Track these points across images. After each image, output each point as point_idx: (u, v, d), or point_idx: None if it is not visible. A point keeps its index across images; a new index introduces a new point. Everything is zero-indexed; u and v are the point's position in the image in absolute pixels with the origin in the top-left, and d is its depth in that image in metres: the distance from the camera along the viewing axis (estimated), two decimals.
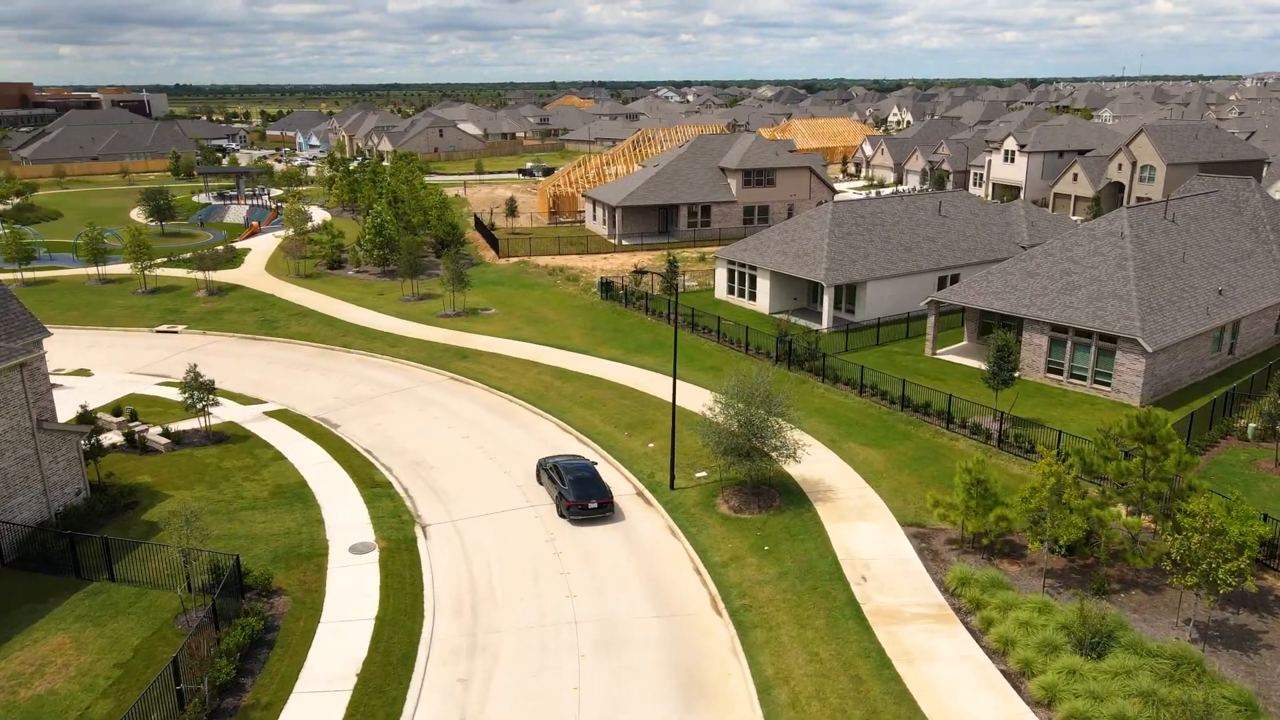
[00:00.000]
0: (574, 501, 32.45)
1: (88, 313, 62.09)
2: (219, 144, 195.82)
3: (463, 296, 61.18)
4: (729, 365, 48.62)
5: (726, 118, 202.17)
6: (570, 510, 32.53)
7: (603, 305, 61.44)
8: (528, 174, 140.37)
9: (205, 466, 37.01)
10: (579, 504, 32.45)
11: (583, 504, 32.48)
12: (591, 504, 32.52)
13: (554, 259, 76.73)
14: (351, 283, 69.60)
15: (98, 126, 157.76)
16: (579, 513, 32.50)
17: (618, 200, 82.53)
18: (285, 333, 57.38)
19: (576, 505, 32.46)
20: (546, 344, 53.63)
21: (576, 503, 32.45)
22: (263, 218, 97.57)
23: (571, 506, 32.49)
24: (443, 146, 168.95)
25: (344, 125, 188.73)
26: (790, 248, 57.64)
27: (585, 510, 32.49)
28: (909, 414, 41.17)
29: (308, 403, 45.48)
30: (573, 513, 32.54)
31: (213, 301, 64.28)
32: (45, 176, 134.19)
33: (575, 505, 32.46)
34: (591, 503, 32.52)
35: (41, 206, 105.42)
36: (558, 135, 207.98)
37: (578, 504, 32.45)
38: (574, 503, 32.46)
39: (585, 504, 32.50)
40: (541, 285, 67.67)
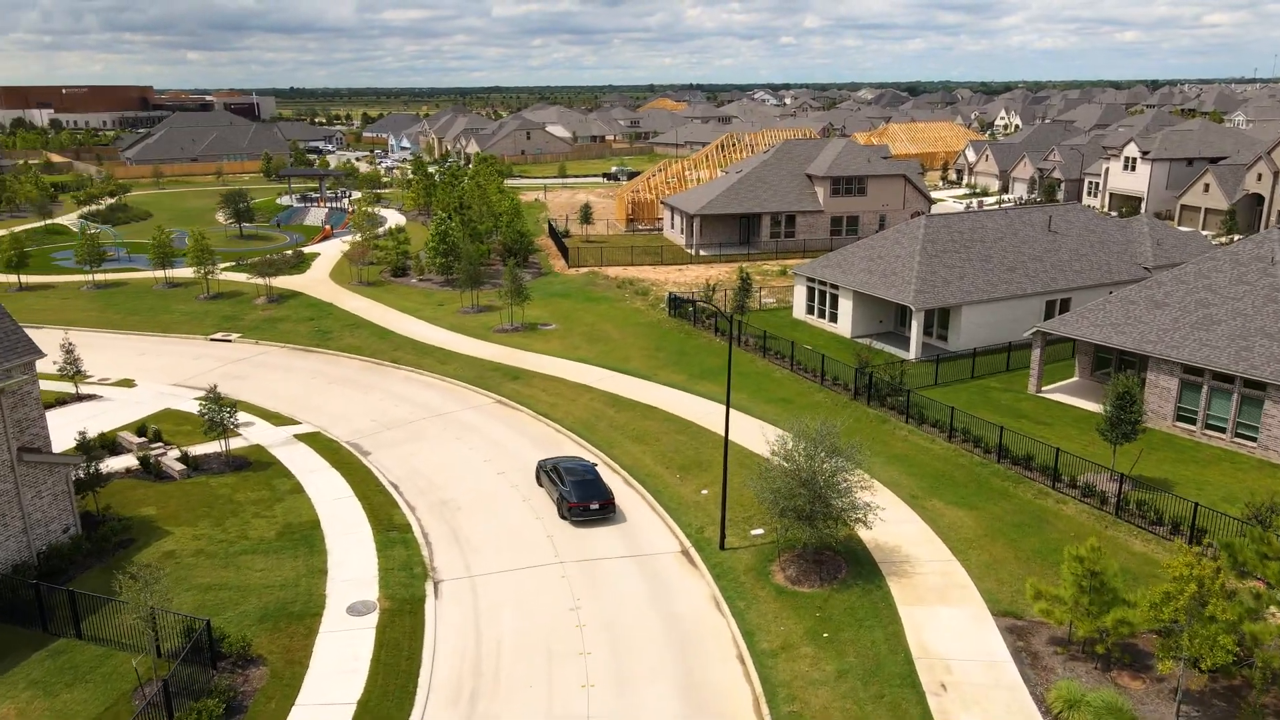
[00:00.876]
0: (576, 503, 32.22)
1: (148, 318, 61.06)
2: (316, 146, 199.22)
3: (522, 310, 57.67)
4: (801, 398, 43.67)
5: (822, 121, 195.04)
6: (572, 512, 32.30)
7: (670, 323, 57.00)
8: (612, 178, 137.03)
9: (217, 498, 34.15)
10: (581, 505, 32.22)
11: (584, 505, 32.24)
12: (593, 505, 32.27)
13: (625, 270, 72.70)
14: (413, 292, 67.01)
15: (198, 128, 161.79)
16: (580, 514, 32.30)
17: (696, 208, 77.99)
18: (337, 344, 54.89)
19: (578, 507, 32.23)
20: (604, 366, 49.53)
21: (578, 504, 32.21)
22: (339, 221, 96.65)
23: (573, 508, 32.25)
24: (530, 149, 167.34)
25: (434, 128, 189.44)
26: (877, 265, 52.07)
27: (587, 512, 32.28)
28: (1007, 467, 35.40)
29: (343, 425, 42.52)
30: (574, 514, 32.33)
31: (271, 309, 62.49)
32: (144, 177, 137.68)
33: (577, 507, 32.23)
34: (593, 504, 32.27)
35: (134, 207, 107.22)
36: (647, 138, 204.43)
37: (579, 505, 32.22)
38: (575, 504, 32.22)
39: (587, 505, 32.25)
40: (608, 299, 63.66)
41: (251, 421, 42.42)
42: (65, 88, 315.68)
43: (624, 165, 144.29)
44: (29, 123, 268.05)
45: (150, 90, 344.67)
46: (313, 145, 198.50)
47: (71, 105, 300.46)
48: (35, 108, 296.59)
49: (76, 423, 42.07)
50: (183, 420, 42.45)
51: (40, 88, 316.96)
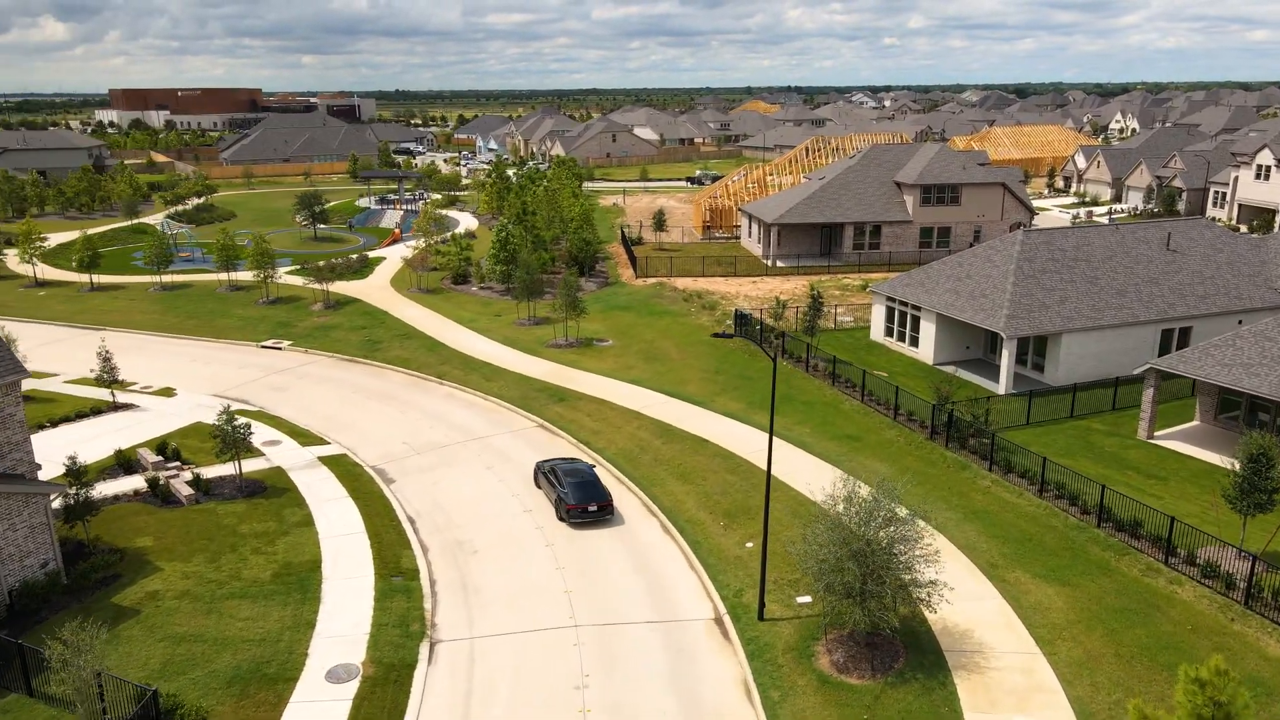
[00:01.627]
0: (574, 505, 32.14)
1: (205, 322, 60.16)
2: (406, 147, 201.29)
3: (577, 324, 54.33)
4: (871, 434, 38.98)
5: (920, 124, 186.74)
6: (570, 514, 32.22)
7: (734, 342, 52.79)
8: (696, 182, 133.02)
9: (220, 529, 31.73)
10: (579, 507, 32.12)
11: (583, 507, 32.14)
12: (591, 507, 32.22)
13: (695, 281, 68.70)
14: (471, 301, 64.52)
15: (292, 130, 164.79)
16: (579, 516, 32.20)
17: (774, 216, 73.42)
18: (384, 356, 52.62)
19: (577, 509, 32.13)
20: (658, 389, 45.72)
21: (576, 506, 32.13)
22: (410, 225, 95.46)
23: (571, 510, 32.15)
24: (615, 152, 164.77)
25: (520, 130, 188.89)
26: (964, 285, 46.78)
27: (585, 514, 32.19)
28: (1109, 533, 30.12)
29: (372, 446, 39.90)
30: (572, 516, 32.22)
31: (326, 316, 60.86)
32: (236, 177, 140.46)
33: (575, 509, 32.13)
34: (591, 505, 32.22)
35: (219, 207, 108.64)
36: (736, 142, 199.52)
37: (578, 507, 32.12)
38: (574, 506, 32.13)
39: (585, 507, 32.15)
40: (672, 313, 59.80)
41: (279, 440, 40.24)
42: (181, 90, 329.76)
43: (708, 169, 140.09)
44: (145, 124, 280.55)
45: (259, 93, 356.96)
46: (404, 147, 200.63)
47: (186, 107, 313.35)
48: (153, 109, 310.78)
49: (108, 434, 40.69)
50: (209, 437, 40.47)
51: (159, 90, 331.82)
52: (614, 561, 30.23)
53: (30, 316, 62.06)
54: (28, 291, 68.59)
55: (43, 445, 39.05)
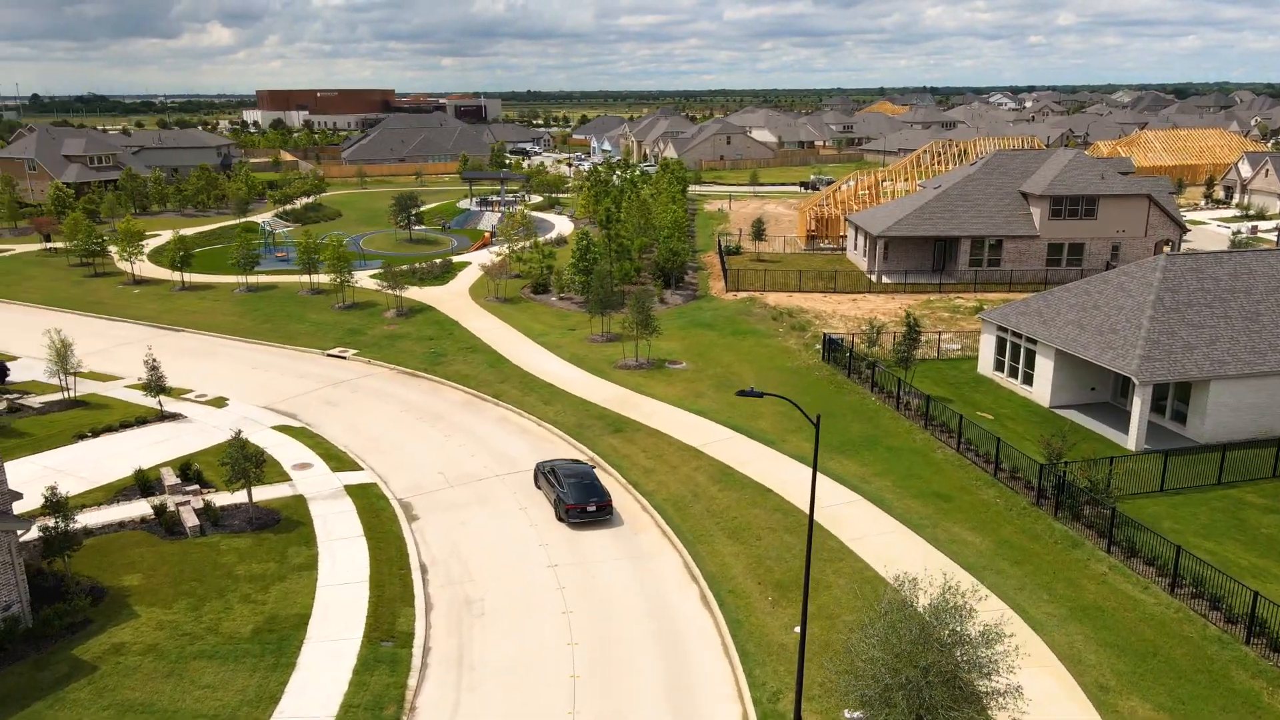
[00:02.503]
0: (573, 505, 32.02)
1: (278, 326, 59.04)
2: (523, 147, 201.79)
3: (648, 344, 50.08)
4: (964, 493, 33.22)
5: (1060, 127, 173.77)
6: (569, 514, 32.11)
7: (820, 371, 47.41)
8: (810, 187, 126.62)
9: (215, 568, 29.08)
10: (578, 507, 32.02)
11: (581, 507, 32.03)
12: (590, 507, 32.12)
13: (790, 297, 63.33)
14: (547, 313, 61.21)
15: (409, 130, 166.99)
16: (578, 516, 32.10)
17: (881, 228, 67.21)
18: (445, 371, 49.81)
19: (576, 509, 32.02)
20: (726, 422, 41.00)
21: (575, 506, 32.01)
22: None
23: (571, 510, 32.04)
24: (729, 155, 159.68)
25: (634, 131, 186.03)
26: (1091, 317, 40.05)
27: (584, 514, 32.10)
28: (1261, 653, 23.68)
29: (406, 475, 36.87)
30: (571, 516, 32.12)
31: (396, 324, 58.75)
32: (350, 177, 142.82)
33: (575, 509, 32.02)
34: (590, 505, 32.13)
35: (327, 206, 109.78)
36: (858, 145, 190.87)
37: (577, 507, 32.01)
38: (573, 506, 32.02)
39: (584, 507, 32.04)
40: (757, 333, 54.75)
41: (310, 464, 37.68)
42: (320, 91, 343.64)
43: (821, 174, 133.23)
44: (285, 124, 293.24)
45: (392, 94, 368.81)
46: (520, 147, 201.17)
47: (324, 107, 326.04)
48: (294, 109, 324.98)
49: (146, 447, 39.12)
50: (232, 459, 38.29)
51: (300, 91, 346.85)
52: (639, 640, 25.88)
53: (118, 315, 62.54)
54: (124, 289, 69.57)
55: (78, 456, 37.83)
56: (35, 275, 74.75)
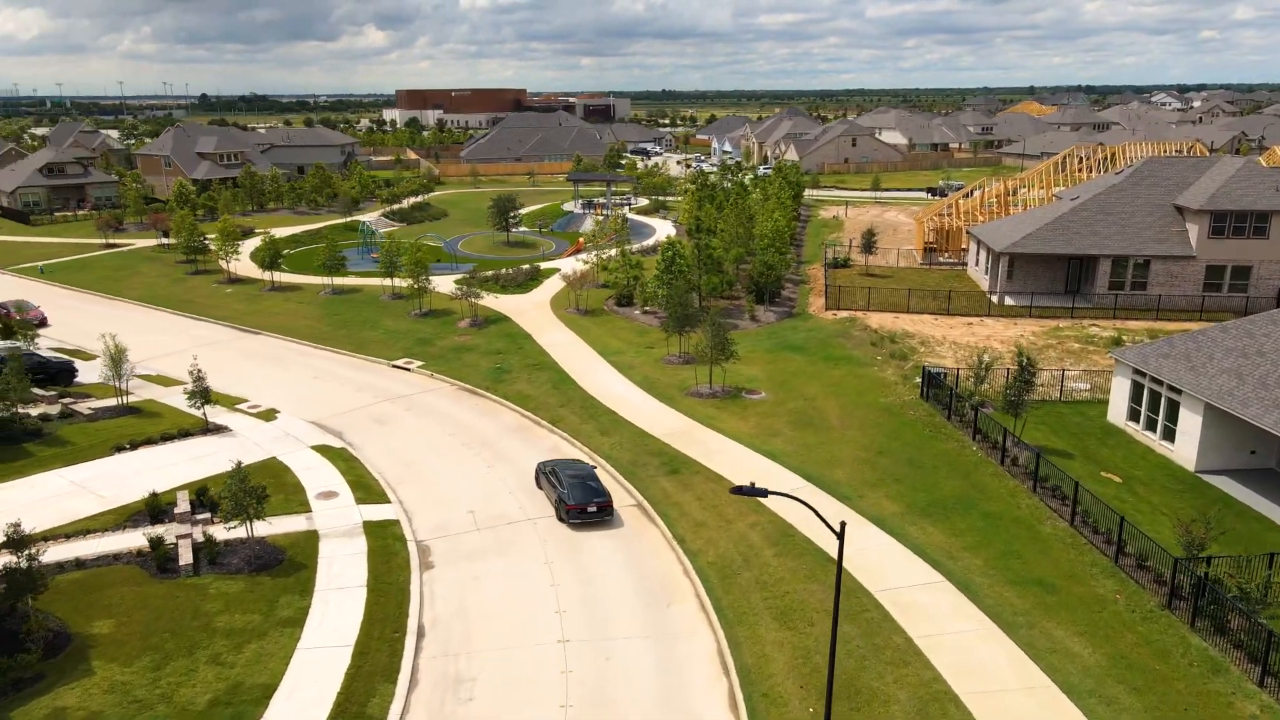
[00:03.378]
0: (574, 505, 31.75)
1: (351, 333, 57.34)
2: (644, 148, 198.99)
3: (723, 371, 45.30)
4: (1075, 583, 27.26)
5: (1232, 129, 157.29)
6: (570, 514, 31.86)
7: (916, 410, 41.51)
8: (938, 193, 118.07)
9: (195, 617, 26.37)
10: (578, 507, 31.74)
11: (582, 508, 31.76)
12: (591, 508, 31.84)
13: (895, 319, 57.12)
14: (627, 328, 57.18)
15: (527, 129, 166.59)
16: (578, 516, 31.84)
17: (1006, 243, 59.99)
18: (506, 390, 46.53)
19: (576, 509, 31.75)
20: (797, 469, 35.90)
21: (576, 506, 31.74)
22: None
23: (571, 511, 31.78)
24: (854, 157, 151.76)
25: (755, 131, 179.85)
26: (1254, 366, 32.82)
27: (585, 514, 31.83)
28: None
29: (434, 512, 33.61)
30: (572, 516, 31.87)
31: (468, 335, 56.02)
32: (464, 175, 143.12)
33: (575, 509, 31.75)
34: (591, 506, 31.84)
35: (434, 206, 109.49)
36: (996, 148, 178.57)
37: (577, 508, 31.74)
38: (574, 506, 31.75)
39: (585, 508, 31.77)
40: (851, 361, 49.06)
41: (336, 493, 34.93)
42: (454, 91, 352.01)
43: (950, 179, 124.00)
44: (420, 122, 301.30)
45: (523, 93, 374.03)
46: (641, 147, 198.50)
47: (457, 106, 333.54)
48: (430, 109, 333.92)
49: (180, 463, 37.37)
50: (274, 476, 35.96)
51: (436, 90, 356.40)
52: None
53: (205, 314, 62.45)
54: (218, 288, 69.89)
55: (108, 471, 36.31)
56: (144, 271, 76.37)
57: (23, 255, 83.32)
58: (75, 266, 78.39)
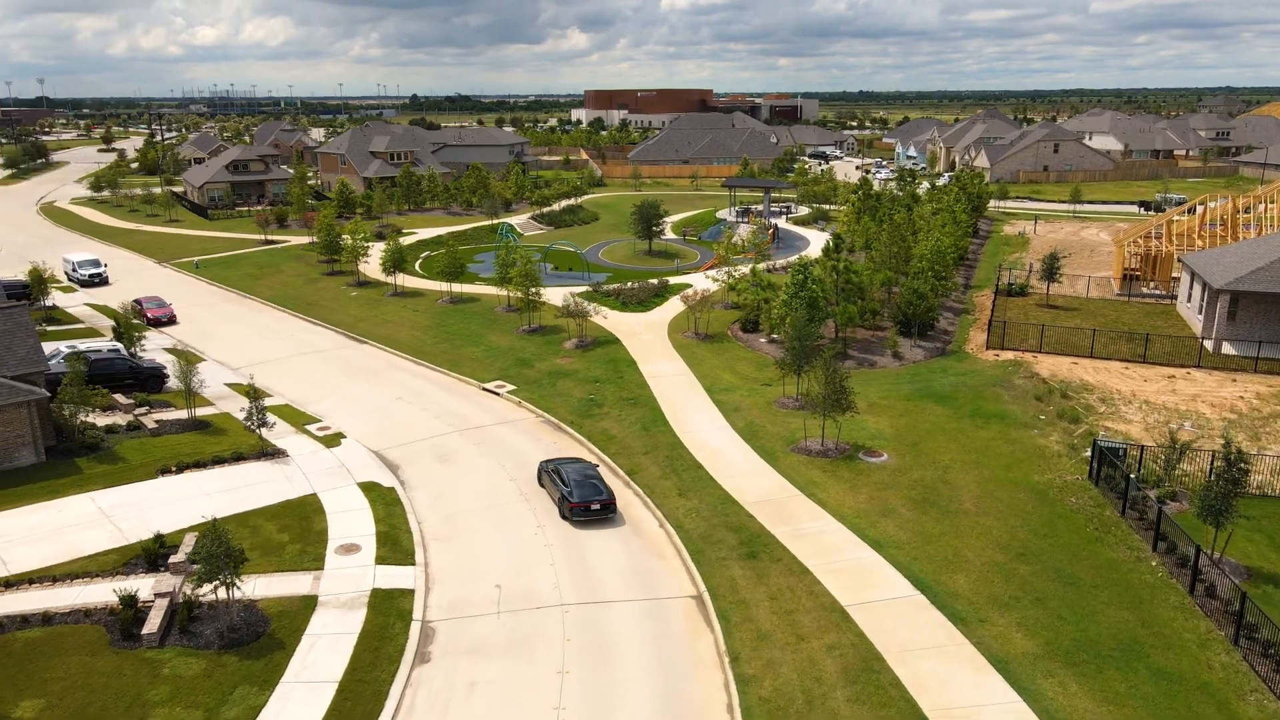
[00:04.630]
0: (577, 503, 31.68)
1: (453, 348, 53.83)
2: (823, 151, 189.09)
3: (837, 424, 37.74)
4: None
5: None
6: (573, 512, 31.82)
7: (1080, 497, 32.52)
8: (1153, 208, 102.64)
9: (134, 705, 22.48)
10: (581, 505, 31.70)
11: (585, 505, 31.72)
12: (594, 505, 31.78)
13: (1073, 365, 47.18)
14: (747, 359, 50.37)
15: (696, 130, 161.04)
16: (581, 514, 31.82)
17: (1227, 277, 48.50)
18: (591, 427, 41.18)
19: (580, 507, 31.71)
20: (907, 569, 28.29)
21: (579, 504, 31.69)
22: (761, 240, 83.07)
23: (575, 508, 31.72)
24: (1055, 165, 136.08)
25: (943, 135, 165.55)
26: None
27: (588, 511, 31.80)
28: None
29: (457, 584, 28.79)
30: (575, 514, 31.84)
31: (570, 358, 51.09)
32: (626, 177, 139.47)
33: (578, 507, 31.71)
34: (594, 504, 31.78)
35: (586, 209, 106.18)
36: (1233, 155, 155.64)
37: (581, 505, 31.70)
38: (577, 504, 31.69)
39: (588, 505, 31.74)
40: (1006, 419, 40.14)
41: (359, 545, 30.74)
42: (640, 91, 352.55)
43: (1168, 192, 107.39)
44: (604, 122, 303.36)
45: (709, 93, 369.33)
46: (820, 150, 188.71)
47: (642, 107, 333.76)
48: (615, 108, 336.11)
49: (218, 492, 34.47)
50: (302, 520, 32.27)
51: (622, 91, 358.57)
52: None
53: (323, 319, 61.06)
54: (345, 290, 68.82)
55: (141, 498, 33.77)
56: (285, 270, 76.94)
57: (189, 249, 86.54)
58: (227, 262, 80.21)
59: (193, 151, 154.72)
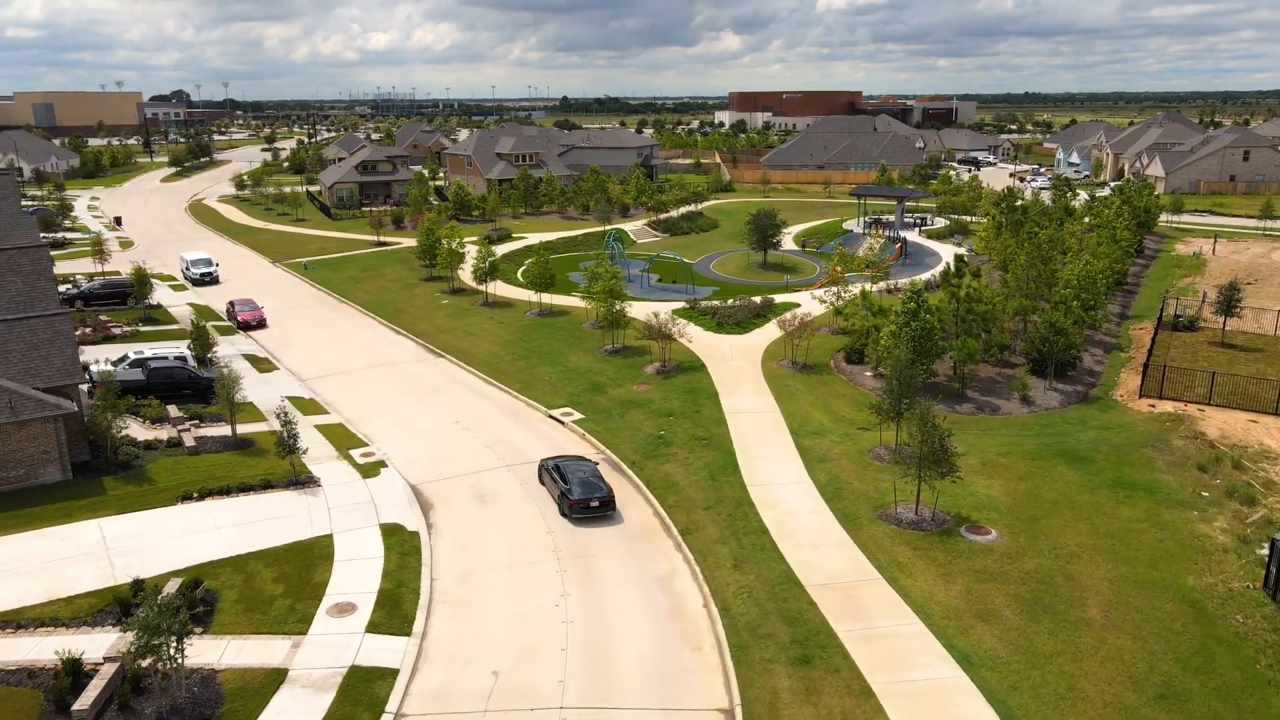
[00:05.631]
0: (576, 501, 31.86)
1: (529, 367, 50.03)
2: (975, 156, 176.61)
3: (933, 491, 31.25)
4: None
5: None
6: (573, 509, 31.99)
7: (1250, 616, 25.05)
8: None
9: None
10: (581, 503, 31.89)
11: (585, 503, 31.89)
12: (594, 503, 31.96)
13: (1252, 423, 38.58)
14: (845, 395, 44.13)
15: (833, 133, 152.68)
16: (581, 511, 32.00)
17: None
18: (651, 471, 36.34)
19: (579, 504, 31.89)
20: (999, 702, 21.98)
21: (579, 501, 31.87)
22: (887, 255, 75.86)
23: (574, 506, 31.90)
24: (1244, 174, 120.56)
25: (1112, 141, 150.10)
26: None
27: (588, 509, 31.98)
28: None
29: (451, 668, 24.58)
30: (575, 511, 32.00)
31: (649, 385, 46.29)
32: (752, 182, 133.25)
33: (578, 504, 31.88)
34: (594, 501, 31.96)
35: (705, 216, 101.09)
36: None
37: (580, 503, 31.88)
38: (576, 502, 31.86)
39: (587, 503, 31.91)
40: (1157, 492, 32.48)
41: (355, 606, 27.07)
42: (785, 93, 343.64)
43: None
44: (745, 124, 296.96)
45: (859, 95, 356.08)
46: (971, 156, 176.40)
47: (787, 109, 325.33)
48: (759, 111, 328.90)
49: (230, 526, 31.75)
50: (304, 568, 28.93)
51: (767, 93, 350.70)
52: None
53: (406, 328, 58.73)
54: (438, 297, 66.54)
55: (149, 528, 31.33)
56: (386, 273, 75.70)
57: (305, 249, 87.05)
58: (335, 264, 79.84)
59: (336, 152, 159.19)
